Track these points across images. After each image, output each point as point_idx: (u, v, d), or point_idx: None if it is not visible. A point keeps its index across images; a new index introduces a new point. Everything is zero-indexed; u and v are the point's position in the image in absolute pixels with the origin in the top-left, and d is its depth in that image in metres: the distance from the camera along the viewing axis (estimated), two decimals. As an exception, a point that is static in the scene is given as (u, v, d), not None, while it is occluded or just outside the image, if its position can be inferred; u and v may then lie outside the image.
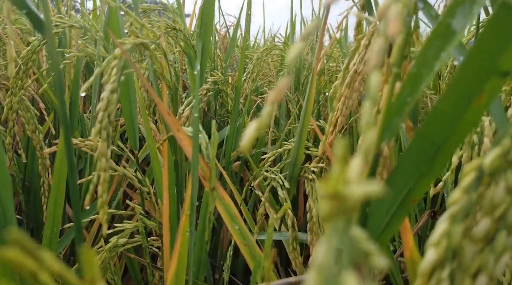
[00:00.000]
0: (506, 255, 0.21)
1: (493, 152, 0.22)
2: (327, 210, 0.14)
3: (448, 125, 0.26)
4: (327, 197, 0.14)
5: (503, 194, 0.21)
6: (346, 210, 0.14)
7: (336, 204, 0.14)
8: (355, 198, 0.14)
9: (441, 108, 0.26)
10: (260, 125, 0.21)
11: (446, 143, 0.26)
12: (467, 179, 0.22)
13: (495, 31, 0.24)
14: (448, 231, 0.21)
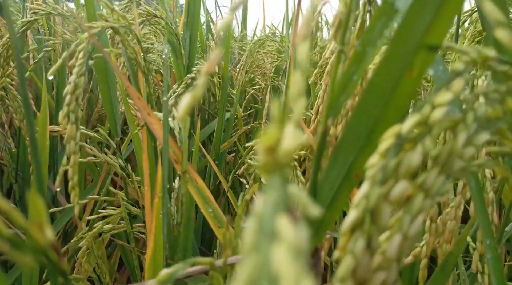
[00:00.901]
0: (421, 217, 0.22)
1: (411, 119, 0.22)
2: (263, 163, 0.16)
3: (384, 98, 0.27)
4: (264, 151, 0.16)
5: (419, 158, 0.22)
6: (280, 163, 0.16)
7: (271, 157, 0.16)
8: (287, 151, 0.16)
9: (376, 81, 0.27)
10: (195, 96, 0.22)
11: (383, 115, 0.27)
12: (384, 145, 0.22)
13: (421, 6, 0.25)
14: (367, 193, 0.22)
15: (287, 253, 0.13)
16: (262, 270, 0.14)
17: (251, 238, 0.15)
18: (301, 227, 0.15)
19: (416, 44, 0.25)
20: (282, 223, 0.14)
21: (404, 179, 0.22)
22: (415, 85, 0.26)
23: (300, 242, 0.14)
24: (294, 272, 0.13)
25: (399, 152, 0.23)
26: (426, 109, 0.23)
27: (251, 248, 0.14)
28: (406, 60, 0.26)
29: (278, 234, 0.14)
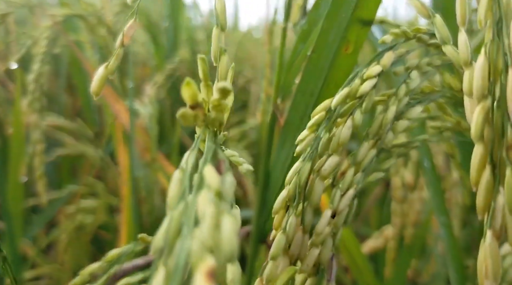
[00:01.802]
0: (352, 191, 0.22)
1: (341, 92, 0.22)
2: (187, 115, 0.16)
3: (322, 75, 0.27)
4: (189, 106, 0.16)
5: (349, 132, 0.22)
6: (203, 117, 0.17)
7: (196, 112, 0.16)
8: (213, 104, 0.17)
9: (314, 58, 0.27)
10: (108, 69, 0.22)
11: (323, 92, 0.27)
12: (314, 119, 0.22)
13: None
14: (298, 169, 0.22)
15: (211, 196, 0.14)
16: (187, 215, 0.14)
17: (177, 187, 0.15)
18: (227, 176, 0.15)
19: (349, 18, 0.25)
20: (208, 171, 0.15)
21: (335, 154, 0.22)
22: (352, 61, 0.26)
23: (224, 187, 0.14)
24: (215, 212, 0.13)
25: (331, 127, 0.23)
26: (355, 83, 0.22)
27: (177, 196, 0.15)
28: (340, 35, 0.25)
29: (204, 181, 0.14)
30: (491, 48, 0.13)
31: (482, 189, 0.13)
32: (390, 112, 0.23)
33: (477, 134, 0.13)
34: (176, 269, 0.13)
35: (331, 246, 0.22)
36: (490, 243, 0.13)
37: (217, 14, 0.20)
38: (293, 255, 0.22)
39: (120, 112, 0.48)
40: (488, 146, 0.13)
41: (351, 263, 0.43)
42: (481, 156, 0.13)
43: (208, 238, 0.13)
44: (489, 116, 0.13)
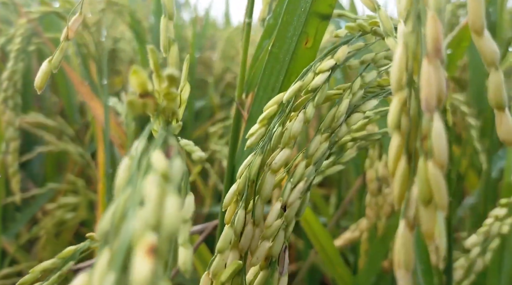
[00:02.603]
0: (302, 184, 0.22)
1: (293, 86, 0.22)
2: (135, 104, 0.16)
3: (283, 68, 0.27)
4: (139, 95, 0.16)
5: (300, 125, 0.22)
6: (154, 106, 0.17)
7: (145, 100, 0.17)
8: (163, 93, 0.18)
9: (275, 51, 0.27)
10: (52, 64, 0.22)
11: (284, 85, 0.27)
12: (265, 113, 0.22)
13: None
14: (249, 162, 0.22)
15: (157, 179, 0.14)
16: (134, 199, 0.14)
17: (125, 173, 0.16)
18: (175, 160, 0.16)
19: (307, 12, 0.25)
20: (155, 156, 0.15)
21: (286, 147, 0.22)
22: (312, 54, 0.26)
23: (171, 171, 0.15)
24: (159, 193, 0.14)
25: (285, 120, 0.23)
26: (308, 76, 0.23)
27: (125, 181, 0.15)
28: (300, 29, 0.26)
29: (151, 166, 0.15)
30: (410, 40, 0.13)
31: (397, 179, 0.13)
32: (343, 105, 0.23)
33: (393, 124, 0.13)
34: (119, 251, 0.13)
35: (283, 239, 0.22)
36: (403, 233, 0.13)
37: (164, 4, 0.20)
38: (243, 248, 0.22)
39: (96, 109, 0.48)
40: (404, 137, 0.13)
41: (323, 256, 0.43)
42: (397, 147, 0.13)
43: (151, 217, 0.13)
44: (405, 107, 0.13)
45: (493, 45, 0.14)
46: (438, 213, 0.13)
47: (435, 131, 0.13)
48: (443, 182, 0.12)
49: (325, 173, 0.27)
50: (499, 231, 0.35)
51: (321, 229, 0.42)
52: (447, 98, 0.23)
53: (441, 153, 0.12)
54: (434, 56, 0.12)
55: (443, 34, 0.12)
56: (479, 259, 0.36)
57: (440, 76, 0.12)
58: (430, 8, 0.13)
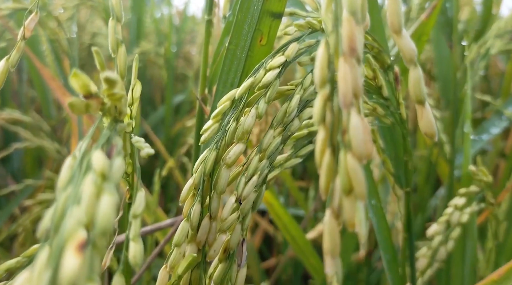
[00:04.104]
0: (255, 177, 0.23)
1: (244, 82, 0.23)
2: (76, 105, 0.17)
3: (240, 65, 0.28)
4: (83, 96, 0.17)
5: (253, 121, 0.23)
6: (98, 106, 0.18)
7: (88, 101, 0.18)
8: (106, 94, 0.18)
9: (231, 48, 0.28)
10: (9, 62, 0.23)
11: (241, 81, 0.28)
12: (218, 109, 0.23)
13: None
14: (204, 157, 0.23)
15: (94, 178, 0.15)
16: (73, 197, 0.15)
17: (67, 173, 0.16)
18: (116, 159, 0.16)
19: (259, 11, 0.26)
20: (95, 156, 0.16)
21: (240, 142, 0.23)
22: (267, 51, 0.27)
23: (110, 170, 0.15)
24: (95, 192, 0.14)
25: (239, 116, 0.24)
26: (259, 74, 0.23)
27: (66, 181, 0.16)
28: (254, 27, 0.26)
29: (91, 166, 0.16)
30: (331, 39, 0.14)
31: (323, 171, 0.14)
32: (294, 100, 0.23)
33: (318, 119, 0.14)
34: (57, 248, 0.14)
35: (239, 232, 0.23)
36: (329, 222, 0.13)
37: (112, 6, 0.21)
38: (200, 241, 0.22)
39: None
40: (328, 131, 0.14)
41: (295, 247, 0.44)
42: (322, 140, 0.14)
43: (83, 215, 0.14)
44: (329, 102, 0.14)
45: (411, 44, 0.15)
46: (358, 202, 0.13)
47: (352, 126, 0.13)
48: (362, 173, 0.13)
49: (284, 166, 0.28)
50: (459, 220, 0.36)
51: (291, 221, 0.43)
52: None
53: (358, 146, 0.13)
54: (350, 55, 0.13)
55: (359, 34, 0.13)
56: (442, 247, 0.37)
57: (355, 74, 0.13)
58: (345, 10, 0.13)
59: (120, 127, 0.20)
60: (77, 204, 0.15)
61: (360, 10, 0.15)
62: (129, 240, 0.19)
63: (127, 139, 0.21)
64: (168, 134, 0.95)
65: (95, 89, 0.17)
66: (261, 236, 0.79)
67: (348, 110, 0.13)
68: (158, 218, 0.53)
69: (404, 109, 0.30)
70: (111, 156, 0.17)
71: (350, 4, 0.13)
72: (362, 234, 0.13)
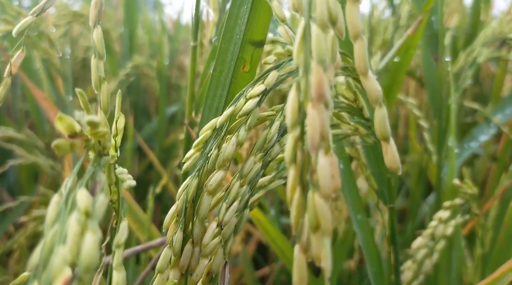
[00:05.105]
0: (236, 203, 0.24)
1: (226, 111, 0.24)
2: (61, 146, 0.18)
3: (224, 90, 0.28)
4: (68, 136, 0.18)
5: (233, 148, 0.24)
6: (83, 144, 0.19)
7: (73, 141, 0.18)
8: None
9: (215, 75, 0.28)
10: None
11: (226, 106, 0.29)
12: (200, 137, 0.24)
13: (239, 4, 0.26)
14: (186, 185, 0.24)
15: (78, 217, 0.16)
16: (59, 235, 0.16)
17: (54, 210, 0.17)
18: (99, 196, 0.17)
19: (241, 40, 0.26)
20: (80, 195, 0.17)
21: (221, 169, 0.24)
22: (250, 78, 0.28)
23: (94, 207, 0.16)
24: (79, 231, 0.15)
25: (221, 143, 0.24)
26: (240, 102, 0.24)
27: (54, 218, 0.17)
28: (237, 55, 0.27)
29: (75, 204, 0.16)
30: (302, 83, 0.15)
31: (293, 207, 0.15)
32: (274, 127, 0.24)
33: (289, 159, 0.15)
34: (46, 283, 0.15)
35: (221, 256, 0.24)
36: (297, 256, 0.14)
37: (94, 44, 0.22)
38: (183, 266, 0.23)
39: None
40: (299, 170, 0.15)
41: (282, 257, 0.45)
42: (293, 178, 0.15)
43: (68, 254, 0.15)
44: (300, 142, 0.15)
45: (377, 85, 0.16)
46: (324, 238, 0.14)
47: (320, 167, 0.14)
48: (328, 211, 0.14)
49: (268, 187, 0.29)
50: (444, 233, 0.37)
51: (279, 235, 0.43)
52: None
53: (325, 186, 0.14)
54: (317, 101, 0.14)
55: (327, 81, 0.14)
56: (427, 260, 0.38)
57: (323, 118, 0.14)
58: (314, 59, 0.14)
59: (104, 160, 0.21)
60: (63, 243, 0.16)
61: (330, 52, 0.16)
62: (112, 269, 0.20)
63: (112, 170, 0.22)
64: (161, 145, 0.96)
65: (79, 128, 0.18)
66: (255, 244, 0.79)
67: (316, 152, 0.14)
68: (152, 235, 0.53)
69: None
70: (95, 193, 0.18)
71: (318, 53, 0.14)
72: (327, 268, 0.14)
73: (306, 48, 0.15)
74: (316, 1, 0.14)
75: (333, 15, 0.15)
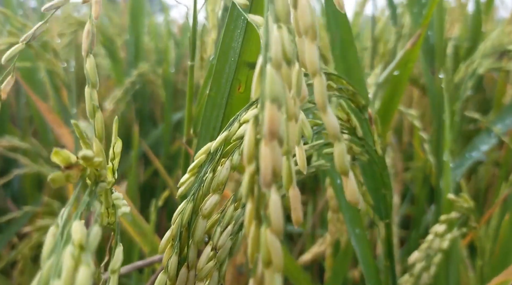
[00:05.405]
0: (230, 227, 0.24)
1: (220, 136, 0.24)
2: (57, 179, 0.18)
3: (220, 110, 0.29)
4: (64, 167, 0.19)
5: (227, 173, 0.24)
6: (78, 174, 0.19)
7: (69, 172, 0.19)
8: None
9: (212, 95, 0.29)
10: None
11: (223, 125, 0.29)
12: (195, 162, 0.24)
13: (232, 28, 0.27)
14: (181, 209, 0.24)
15: (72, 251, 0.16)
16: (55, 268, 0.17)
17: (50, 242, 0.18)
18: (93, 228, 0.18)
19: (236, 62, 0.27)
20: (74, 227, 0.17)
21: (215, 193, 0.24)
22: (246, 98, 0.28)
23: (88, 240, 0.17)
24: (73, 265, 0.16)
25: (216, 167, 0.25)
26: (233, 127, 0.25)
27: (50, 250, 0.17)
28: (232, 76, 0.28)
29: (70, 237, 0.17)
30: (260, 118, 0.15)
31: (250, 241, 0.15)
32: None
33: (246, 192, 0.15)
34: None
35: (217, 278, 0.24)
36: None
37: (87, 73, 0.22)
38: (179, 291, 0.24)
39: (64, 136, 0.50)
40: (255, 203, 0.15)
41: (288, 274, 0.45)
42: (249, 212, 0.15)
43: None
44: (255, 177, 0.15)
45: (335, 120, 0.16)
46: (276, 274, 0.15)
47: (272, 203, 0.14)
48: (279, 247, 0.14)
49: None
50: (440, 247, 0.37)
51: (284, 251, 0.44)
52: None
53: (276, 223, 0.14)
54: (270, 139, 0.14)
55: (280, 118, 0.14)
56: (425, 273, 0.38)
57: (276, 156, 0.14)
58: (266, 98, 0.15)
59: (101, 187, 0.21)
60: (58, 276, 0.16)
61: (296, 85, 0.17)
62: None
63: (109, 194, 0.23)
64: (167, 153, 0.97)
65: (75, 159, 0.19)
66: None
67: (268, 189, 0.14)
68: (155, 246, 0.54)
69: (379, 147, 0.31)
70: (89, 224, 0.19)
71: (271, 91, 0.14)
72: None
73: (262, 86, 0.15)
74: (271, 41, 0.15)
75: (287, 54, 0.15)
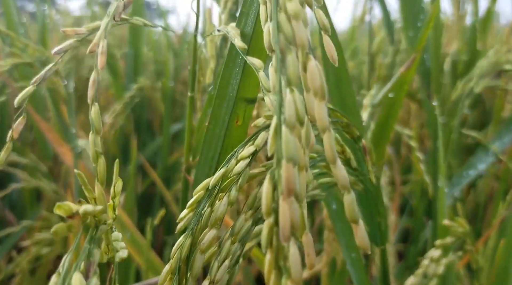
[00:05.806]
0: (227, 262, 0.25)
1: (218, 172, 0.25)
2: (59, 230, 0.19)
3: (219, 142, 0.30)
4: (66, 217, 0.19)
5: (225, 208, 0.25)
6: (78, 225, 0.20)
7: (70, 222, 0.20)
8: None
9: (210, 128, 0.30)
10: (0, 159, 0.25)
11: (221, 155, 0.30)
12: (194, 198, 0.25)
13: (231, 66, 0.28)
14: (180, 244, 0.25)
15: None
16: None
17: None
18: (92, 280, 0.19)
19: (234, 97, 0.28)
20: (75, 279, 0.18)
21: (213, 228, 0.25)
22: (243, 130, 0.29)
23: None
24: None
25: (214, 201, 0.25)
26: (231, 163, 0.25)
27: None
28: (230, 110, 0.28)
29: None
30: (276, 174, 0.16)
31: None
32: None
33: (265, 244, 0.16)
34: None
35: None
36: None
37: (92, 120, 0.23)
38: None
39: (65, 154, 0.51)
40: (274, 254, 0.16)
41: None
42: (269, 262, 0.16)
43: None
44: (274, 228, 0.16)
45: (344, 172, 0.17)
46: None
47: (291, 256, 0.15)
48: None
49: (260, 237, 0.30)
50: (435, 272, 0.37)
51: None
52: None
53: (296, 274, 0.15)
54: (287, 195, 0.15)
55: (296, 175, 0.15)
56: (420, 297, 0.38)
57: (293, 211, 0.15)
58: (283, 157, 0.15)
59: (101, 229, 0.22)
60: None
61: (305, 137, 0.17)
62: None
63: (109, 233, 0.23)
64: (165, 165, 0.97)
65: (77, 209, 0.19)
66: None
67: (287, 242, 0.15)
68: (151, 262, 0.54)
69: (373, 176, 0.32)
70: (89, 275, 0.19)
71: (287, 152, 0.15)
72: None
73: (278, 145, 0.16)
74: (285, 103, 0.16)
75: (300, 116, 0.16)
